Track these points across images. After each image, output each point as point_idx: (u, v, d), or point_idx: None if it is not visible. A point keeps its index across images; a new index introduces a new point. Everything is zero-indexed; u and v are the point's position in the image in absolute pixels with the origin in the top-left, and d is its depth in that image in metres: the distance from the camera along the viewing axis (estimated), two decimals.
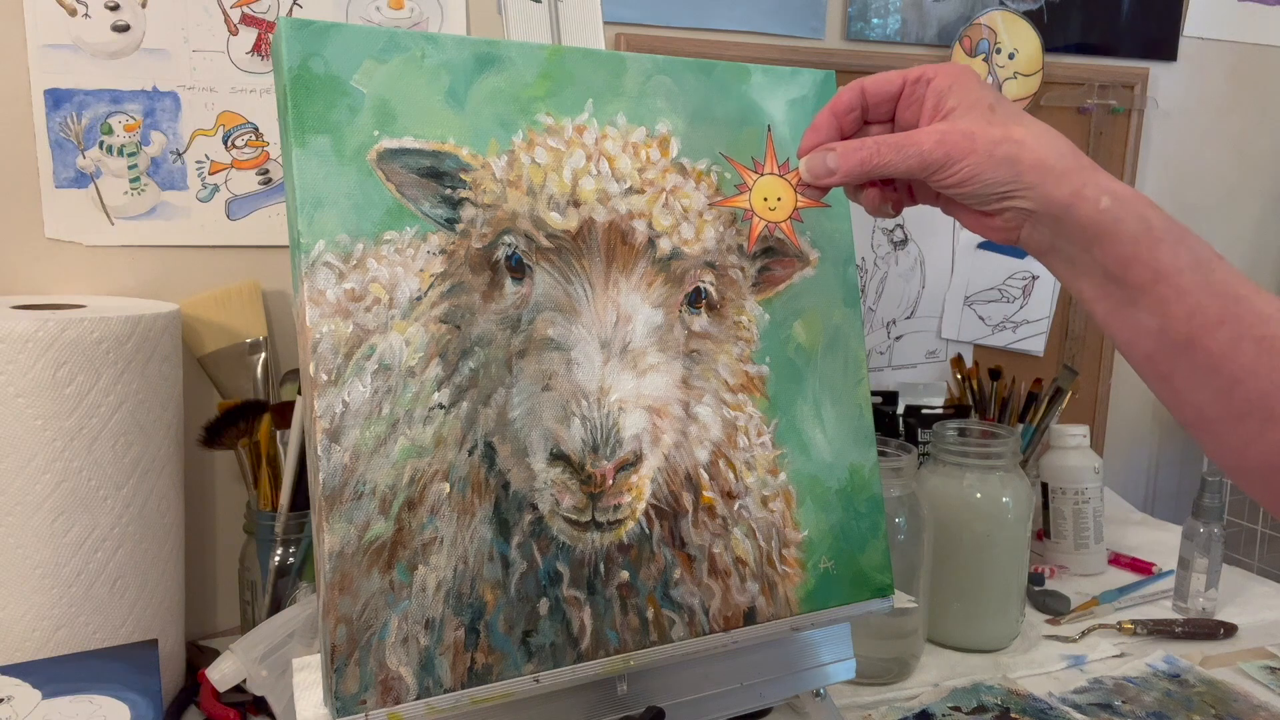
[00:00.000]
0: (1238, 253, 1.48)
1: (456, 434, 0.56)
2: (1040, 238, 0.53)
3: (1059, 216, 0.51)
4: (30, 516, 0.70)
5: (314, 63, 0.54)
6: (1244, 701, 0.84)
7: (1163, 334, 0.50)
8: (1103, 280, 0.52)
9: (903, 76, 0.56)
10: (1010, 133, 0.52)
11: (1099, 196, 0.50)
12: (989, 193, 0.52)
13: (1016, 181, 0.51)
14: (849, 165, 0.55)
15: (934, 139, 0.53)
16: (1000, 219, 0.54)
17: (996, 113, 0.53)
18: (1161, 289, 0.50)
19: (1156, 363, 0.52)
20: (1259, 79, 1.42)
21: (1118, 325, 0.52)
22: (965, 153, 0.52)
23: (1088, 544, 1.12)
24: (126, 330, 0.73)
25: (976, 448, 0.92)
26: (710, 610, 0.62)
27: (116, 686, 0.68)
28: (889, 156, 0.54)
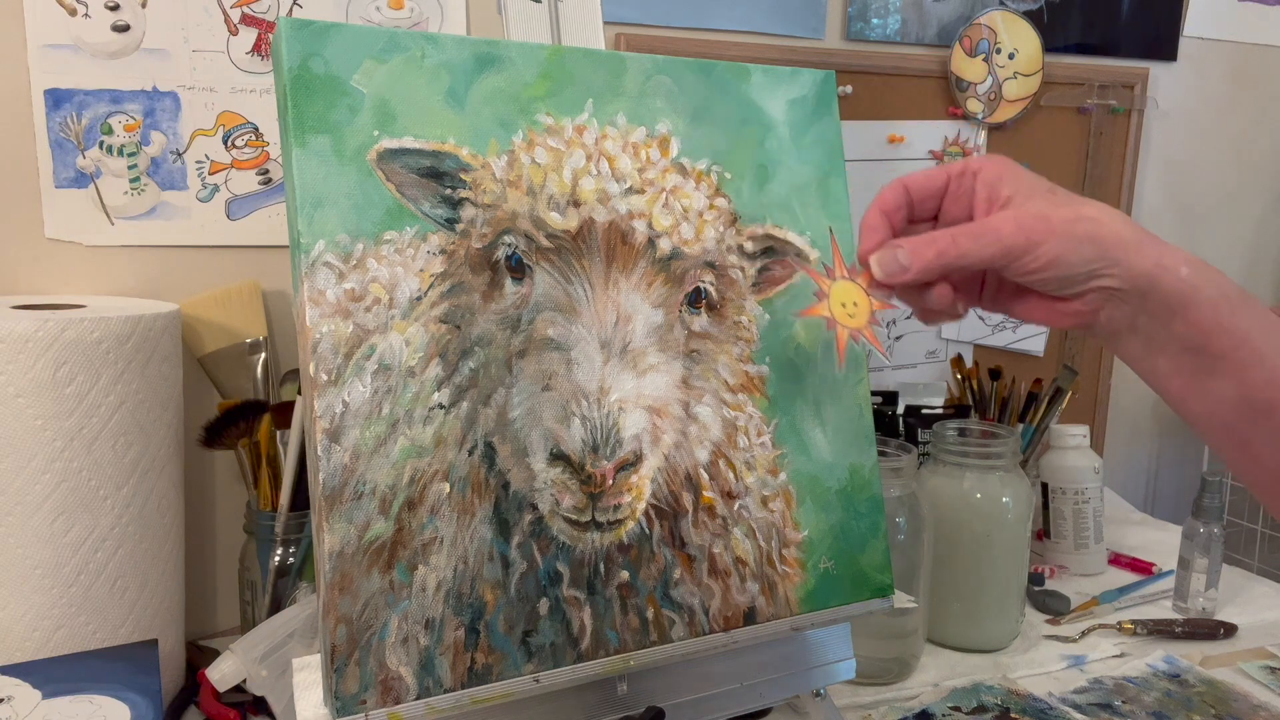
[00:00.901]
0: (1237, 253, 1.48)
1: (456, 434, 0.56)
2: (1121, 316, 0.51)
3: (1144, 291, 0.49)
4: (30, 516, 0.70)
5: (314, 63, 0.54)
6: (1244, 701, 0.84)
7: (1242, 401, 0.50)
8: (1180, 352, 0.50)
9: (946, 172, 0.54)
10: (1081, 211, 0.50)
11: (1178, 266, 0.49)
12: (1074, 274, 0.50)
13: (1102, 259, 0.49)
14: (924, 260, 0.52)
15: (1011, 224, 0.50)
16: (1081, 302, 0.51)
17: (1058, 194, 0.51)
18: (1242, 354, 0.49)
19: (1235, 431, 0.51)
20: (1259, 79, 1.42)
21: (1195, 398, 0.51)
22: (1045, 235, 0.49)
23: (1088, 544, 1.12)
24: (126, 330, 0.73)
25: (976, 448, 0.92)
26: (710, 610, 0.62)
27: (116, 686, 0.68)
28: (967, 246, 0.51)
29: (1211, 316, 0.49)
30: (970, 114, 1.21)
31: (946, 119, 1.22)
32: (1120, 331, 0.52)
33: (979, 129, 1.23)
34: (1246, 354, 0.49)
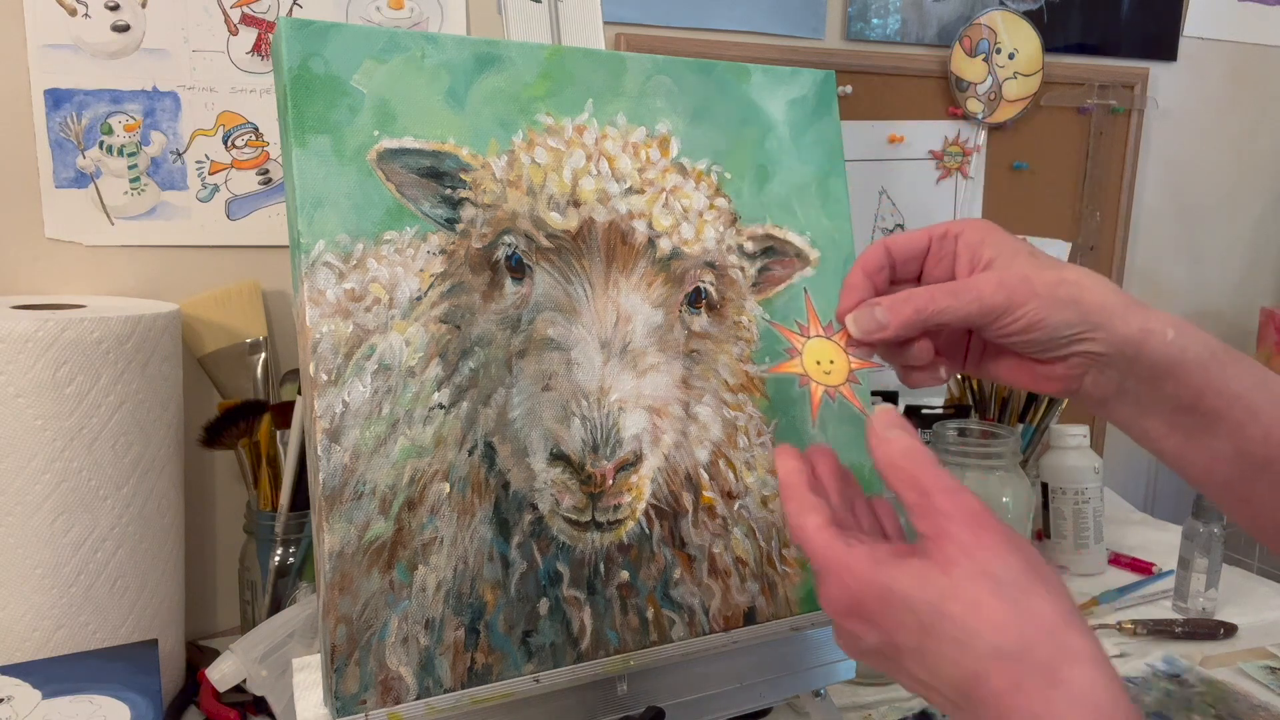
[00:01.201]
0: (1237, 253, 1.48)
1: (456, 434, 0.56)
2: (1107, 382, 0.50)
3: (1131, 356, 0.48)
4: (30, 516, 0.70)
5: (314, 63, 0.54)
6: (1244, 701, 0.84)
7: (1239, 457, 0.49)
8: (1172, 413, 0.50)
9: (928, 234, 0.53)
10: (1063, 275, 0.49)
11: (1164, 329, 0.48)
12: (1056, 336, 0.49)
13: (1084, 322, 0.48)
14: (902, 317, 0.50)
15: (992, 284, 0.49)
16: (1064, 365, 0.50)
17: (1039, 258, 0.50)
18: (1236, 412, 0.48)
19: (1235, 487, 0.50)
20: (1259, 79, 1.42)
21: (1191, 457, 0.50)
22: (1026, 296, 0.48)
23: (1088, 544, 1.12)
24: (126, 330, 0.73)
25: (976, 448, 0.92)
26: (710, 610, 0.62)
27: (116, 686, 0.68)
28: (945, 303, 0.49)
29: (1201, 376, 0.48)
30: (970, 114, 1.21)
31: (946, 119, 1.22)
32: (1108, 397, 0.51)
33: (979, 129, 1.23)
34: (1240, 411, 0.48)
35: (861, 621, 0.42)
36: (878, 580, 0.41)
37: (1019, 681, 0.38)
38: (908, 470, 0.43)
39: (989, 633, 0.39)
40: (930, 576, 0.40)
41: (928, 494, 0.42)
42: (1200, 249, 1.45)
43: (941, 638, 0.40)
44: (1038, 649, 0.38)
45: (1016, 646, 0.38)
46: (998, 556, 0.40)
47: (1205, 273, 1.46)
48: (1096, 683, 0.38)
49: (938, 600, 0.40)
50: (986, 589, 0.39)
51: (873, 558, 0.42)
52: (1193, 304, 1.46)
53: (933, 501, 0.42)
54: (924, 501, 0.42)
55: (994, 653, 0.38)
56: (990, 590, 0.39)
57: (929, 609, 0.40)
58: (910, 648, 0.41)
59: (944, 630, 0.39)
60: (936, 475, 0.43)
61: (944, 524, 0.41)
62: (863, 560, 0.42)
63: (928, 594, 0.40)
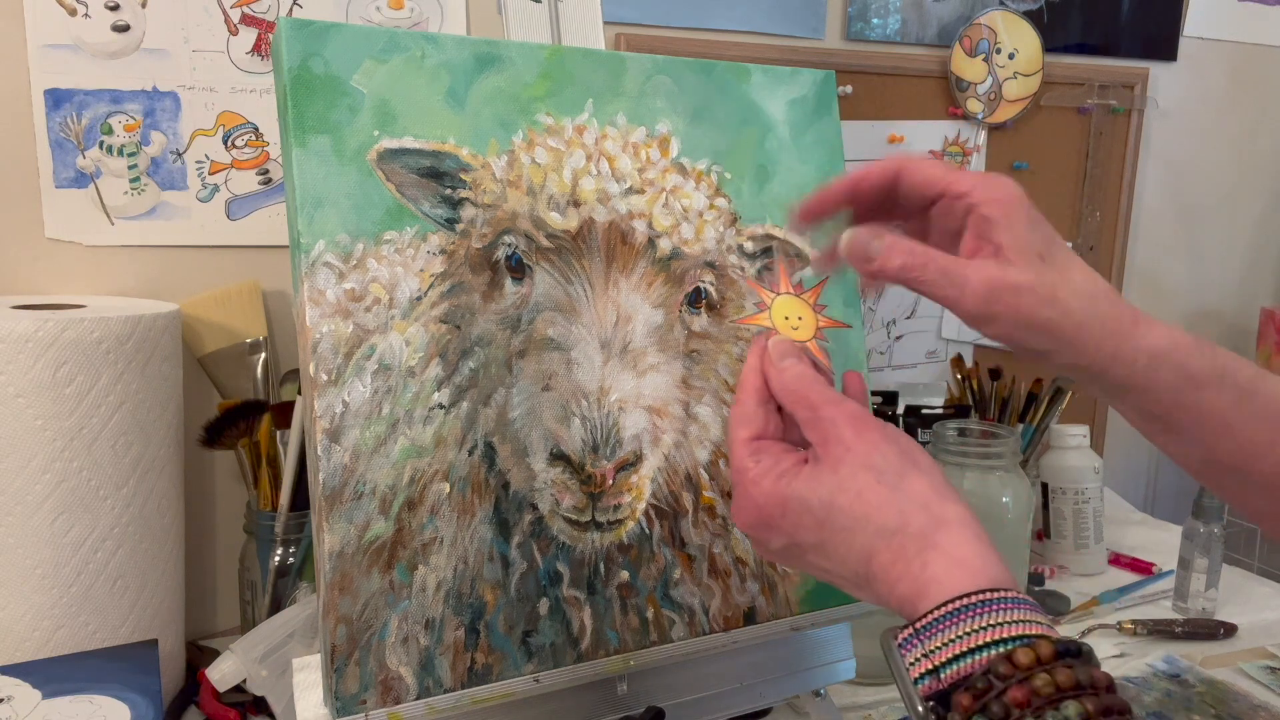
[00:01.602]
0: (1237, 253, 1.48)
1: (456, 434, 0.56)
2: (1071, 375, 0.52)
3: (1096, 375, 0.50)
4: (30, 516, 0.70)
5: (314, 63, 0.54)
6: (1244, 701, 0.84)
7: (1210, 462, 0.51)
8: (1139, 418, 0.51)
9: (944, 184, 0.52)
10: (1056, 293, 0.49)
11: (1135, 358, 0.49)
12: (1024, 348, 0.50)
13: (1055, 344, 0.49)
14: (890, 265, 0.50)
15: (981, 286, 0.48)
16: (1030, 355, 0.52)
17: (1046, 262, 0.49)
18: (1206, 429, 0.49)
19: (1207, 478, 0.53)
20: (1259, 79, 1.42)
21: (1162, 446, 0.52)
22: (1007, 313, 0.48)
23: (1088, 544, 1.12)
24: (126, 330, 0.73)
25: (976, 448, 0.92)
26: (710, 610, 0.62)
27: (116, 686, 0.68)
28: (931, 278, 0.49)
29: (1171, 398, 0.49)
30: (970, 114, 1.21)
31: (946, 119, 1.22)
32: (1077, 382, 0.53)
33: (979, 129, 1.23)
34: (1213, 427, 0.49)
35: (766, 529, 0.47)
36: (776, 491, 0.46)
37: (901, 551, 0.42)
38: (799, 392, 0.48)
39: (873, 515, 0.43)
40: (821, 477, 0.45)
41: (815, 408, 0.47)
42: (1200, 249, 1.45)
43: (835, 528, 0.44)
44: (913, 521, 0.43)
45: (897, 522, 0.43)
46: (875, 449, 0.45)
47: (1205, 273, 1.46)
48: (964, 542, 0.42)
49: (829, 496, 0.44)
50: (869, 478, 0.44)
51: (776, 471, 0.46)
52: (1193, 304, 1.46)
53: (819, 413, 0.46)
54: (812, 415, 0.47)
55: (879, 531, 0.43)
56: (873, 479, 0.44)
57: (822, 505, 0.44)
58: (811, 543, 0.45)
59: (837, 521, 0.44)
60: (822, 392, 0.47)
61: (829, 429, 0.46)
62: (767, 475, 0.46)
63: (820, 493, 0.45)
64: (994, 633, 0.38)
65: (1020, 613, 0.38)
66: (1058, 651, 0.37)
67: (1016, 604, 0.39)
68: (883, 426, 0.46)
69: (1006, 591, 0.39)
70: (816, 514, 0.45)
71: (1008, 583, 0.40)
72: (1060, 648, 0.37)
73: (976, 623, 0.38)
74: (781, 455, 0.48)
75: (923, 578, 0.41)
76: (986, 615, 0.38)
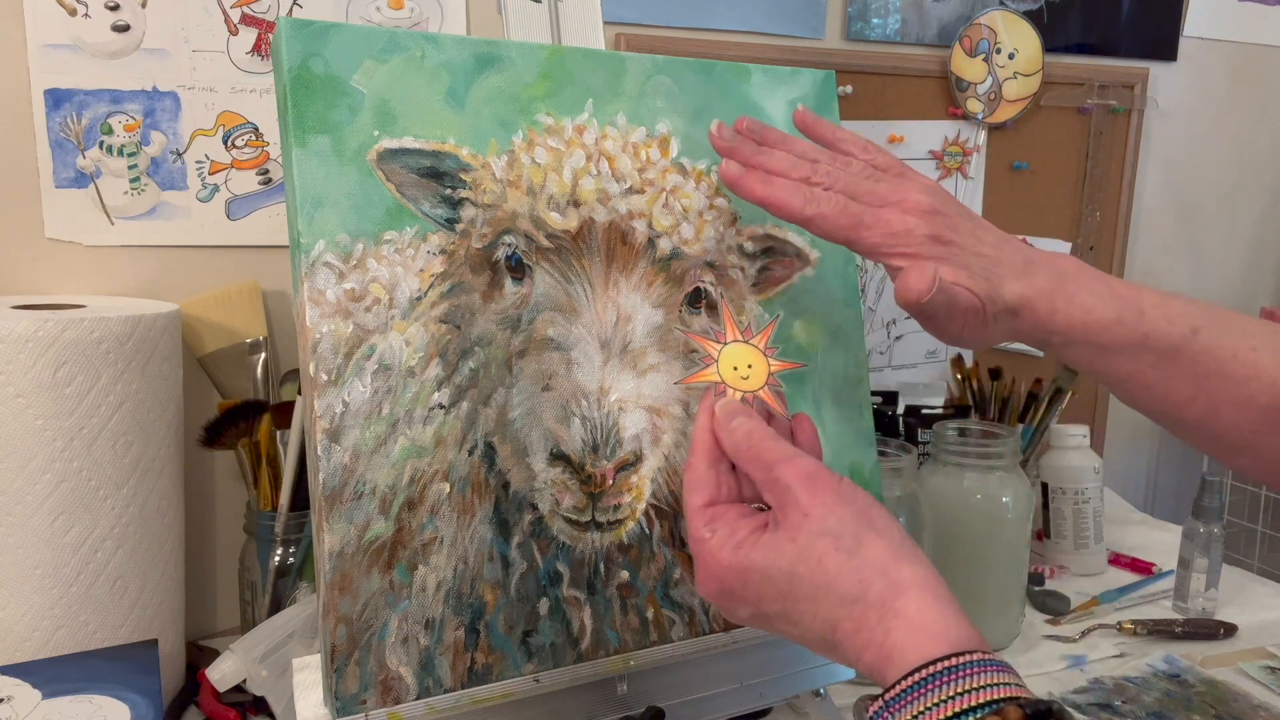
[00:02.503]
0: (1237, 253, 1.48)
1: (456, 434, 0.56)
2: None
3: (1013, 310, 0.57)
4: (30, 516, 0.70)
5: (314, 63, 0.54)
6: (1244, 701, 0.84)
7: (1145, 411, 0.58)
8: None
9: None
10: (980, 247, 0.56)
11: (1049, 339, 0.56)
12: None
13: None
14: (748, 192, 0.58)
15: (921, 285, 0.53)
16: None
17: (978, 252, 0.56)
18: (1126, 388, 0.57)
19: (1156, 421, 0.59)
20: (1259, 79, 1.42)
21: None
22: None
23: (1088, 544, 1.12)
24: (126, 330, 0.73)
25: (976, 448, 0.92)
26: (710, 610, 0.62)
27: (116, 686, 0.68)
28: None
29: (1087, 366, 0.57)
30: (970, 114, 1.21)
31: (946, 119, 1.22)
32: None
33: (979, 129, 1.23)
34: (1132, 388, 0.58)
35: (730, 599, 0.47)
36: (735, 562, 0.46)
37: (863, 620, 0.43)
38: (750, 451, 0.48)
39: (833, 583, 0.43)
40: (781, 546, 0.45)
41: (769, 468, 0.47)
42: (1200, 249, 1.45)
43: (799, 598, 0.45)
44: (872, 588, 0.43)
45: (856, 591, 0.43)
46: (831, 512, 0.45)
47: (1205, 273, 1.46)
48: (924, 606, 0.42)
49: (789, 566, 0.44)
50: (827, 545, 0.44)
51: (733, 542, 0.46)
52: None
53: (774, 474, 0.46)
54: (767, 476, 0.47)
55: (840, 600, 0.43)
56: (830, 545, 0.44)
57: (783, 576, 0.45)
58: (776, 613, 0.46)
59: (799, 590, 0.44)
60: (774, 449, 0.47)
61: (784, 494, 0.46)
62: (724, 546, 0.46)
63: (780, 564, 0.45)
64: (963, 701, 0.38)
65: (988, 675, 0.38)
66: (1026, 716, 0.37)
67: (983, 666, 0.39)
68: (837, 485, 0.46)
69: (972, 654, 0.39)
70: (779, 585, 0.45)
71: (973, 642, 0.40)
72: (1030, 710, 0.37)
73: (944, 692, 0.38)
74: (738, 522, 0.47)
75: (886, 645, 0.41)
76: (953, 683, 0.38)
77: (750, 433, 0.48)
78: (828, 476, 0.46)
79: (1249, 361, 0.54)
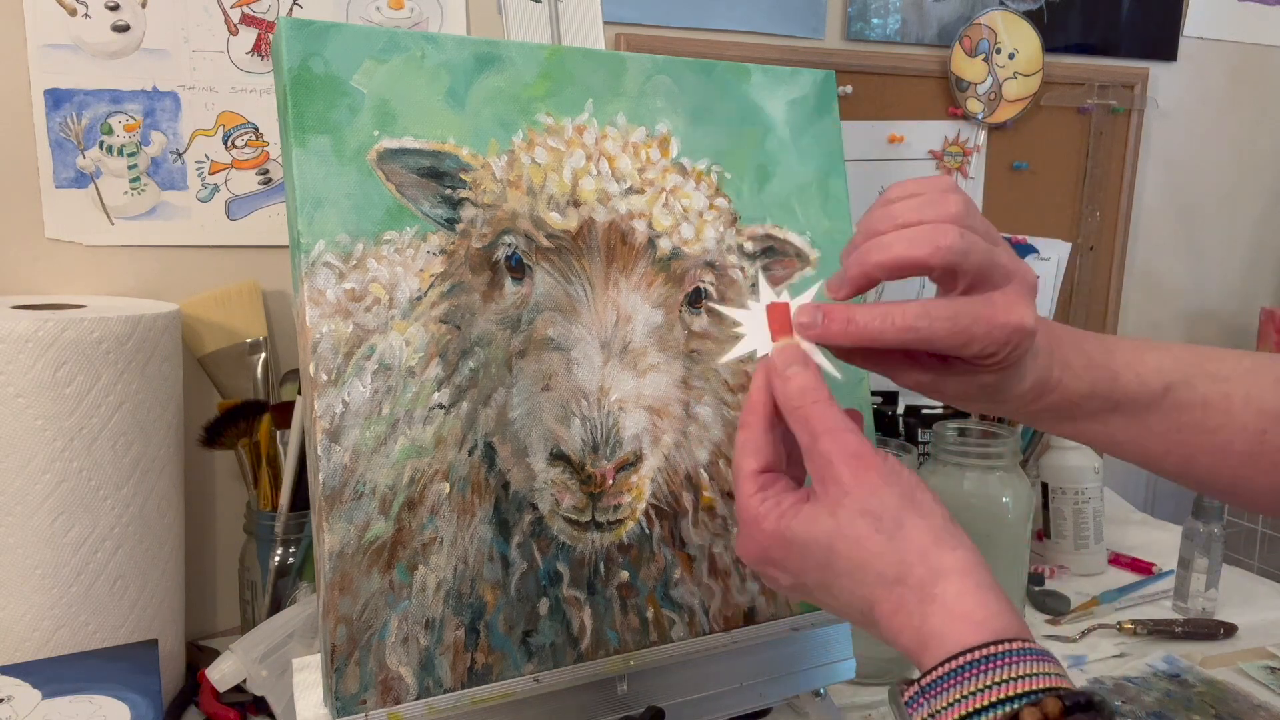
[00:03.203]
0: (1237, 253, 1.48)
1: (456, 434, 0.56)
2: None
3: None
4: (30, 516, 0.70)
5: (314, 63, 0.54)
6: (1244, 701, 0.84)
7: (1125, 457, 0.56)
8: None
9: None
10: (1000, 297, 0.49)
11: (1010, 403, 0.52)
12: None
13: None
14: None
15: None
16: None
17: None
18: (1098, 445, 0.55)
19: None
20: (1259, 79, 1.42)
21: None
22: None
23: (1088, 544, 1.12)
24: (126, 330, 0.73)
25: (976, 448, 0.92)
26: (710, 610, 0.62)
27: (116, 686, 0.68)
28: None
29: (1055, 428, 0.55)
30: (970, 114, 1.21)
31: (946, 119, 1.22)
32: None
33: (979, 129, 1.23)
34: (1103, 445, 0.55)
35: (772, 566, 0.47)
36: (779, 531, 0.45)
37: (901, 603, 0.42)
38: (801, 410, 0.46)
39: (872, 563, 0.43)
40: (820, 519, 0.44)
41: (815, 436, 0.45)
42: (1200, 249, 1.45)
43: (838, 573, 0.44)
44: (913, 572, 0.42)
45: (896, 573, 0.42)
46: (874, 493, 0.44)
47: (1205, 273, 1.46)
48: (965, 592, 0.41)
49: (828, 541, 0.44)
50: (867, 525, 0.43)
51: (778, 510, 0.46)
52: (1193, 304, 1.46)
53: (818, 445, 0.45)
54: (812, 445, 0.45)
55: (878, 580, 0.43)
56: (870, 526, 0.43)
57: (823, 550, 0.44)
58: (816, 584, 0.45)
59: (838, 566, 0.44)
60: (824, 415, 0.45)
61: (827, 468, 0.45)
62: (770, 514, 0.46)
63: (819, 536, 0.44)
64: (999, 691, 0.37)
65: (1026, 665, 0.38)
66: (1065, 708, 0.36)
67: (1022, 656, 0.38)
68: (882, 465, 0.44)
69: (1011, 643, 0.38)
70: (818, 557, 0.44)
71: (1013, 631, 0.40)
72: (1069, 701, 0.36)
73: (980, 681, 0.37)
74: (784, 493, 0.47)
75: (923, 631, 0.41)
76: (990, 672, 0.38)
77: (804, 389, 0.46)
78: (871, 454, 0.45)
79: (1221, 409, 0.52)
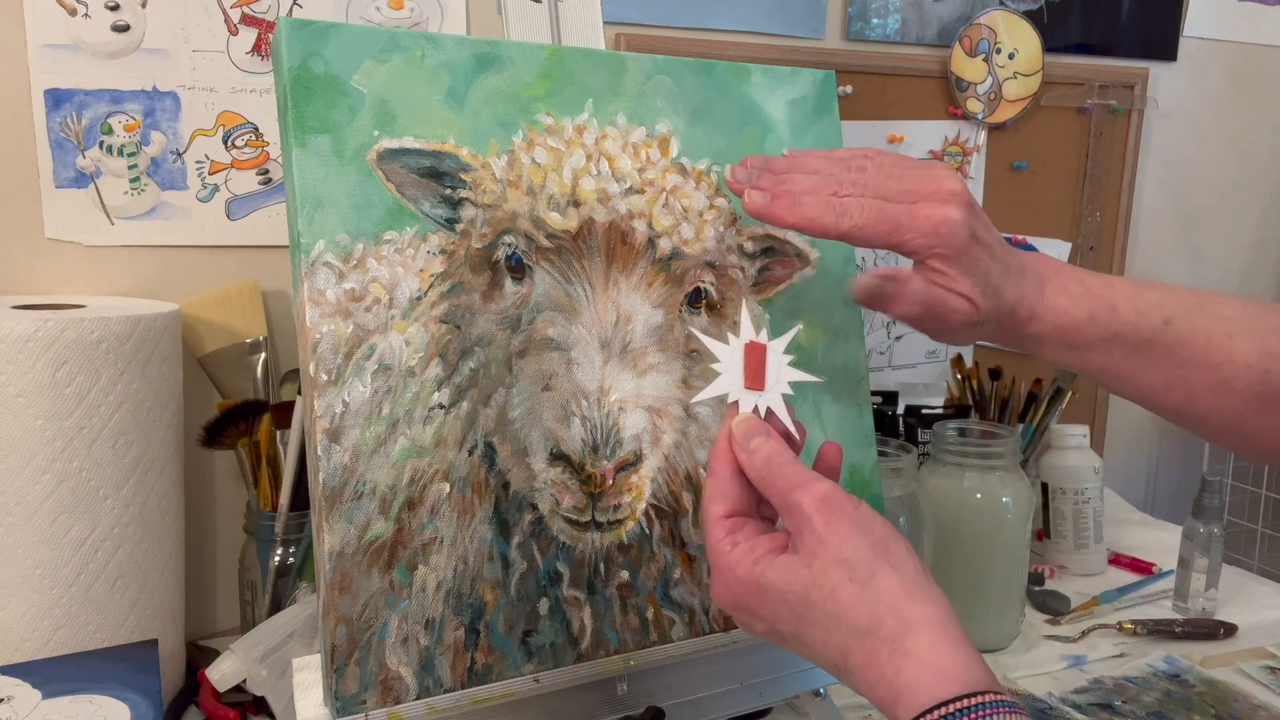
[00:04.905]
0: (1237, 253, 1.48)
1: (456, 434, 0.56)
2: None
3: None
4: (30, 516, 0.70)
5: (314, 63, 0.54)
6: (1244, 701, 0.84)
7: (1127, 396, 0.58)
8: None
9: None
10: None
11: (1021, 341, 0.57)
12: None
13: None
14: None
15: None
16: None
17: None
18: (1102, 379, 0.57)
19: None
20: (1259, 79, 1.42)
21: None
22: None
23: (1088, 544, 1.12)
24: (126, 330, 0.73)
25: (976, 448, 0.92)
26: (710, 610, 0.62)
27: (116, 686, 0.68)
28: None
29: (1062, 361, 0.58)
30: (970, 114, 1.21)
31: (946, 119, 1.22)
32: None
33: (979, 129, 1.23)
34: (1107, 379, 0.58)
35: (746, 613, 0.47)
36: (752, 578, 0.46)
37: (874, 655, 0.42)
38: (769, 478, 0.47)
39: (845, 614, 0.43)
40: (797, 570, 0.45)
41: (785, 494, 0.46)
42: (1200, 249, 1.45)
43: (812, 624, 0.45)
44: (885, 624, 0.43)
45: (868, 624, 0.43)
46: (846, 541, 0.44)
47: (1205, 273, 1.46)
48: (936, 645, 0.42)
49: (803, 591, 0.45)
50: (841, 575, 0.44)
51: (751, 557, 0.47)
52: None
53: (790, 499, 0.46)
54: (785, 501, 0.47)
55: (851, 632, 0.43)
56: (844, 576, 0.44)
57: (797, 600, 0.45)
58: (790, 633, 0.46)
59: (812, 617, 0.44)
60: (792, 473, 0.47)
61: (801, 520, 0.46)
62: (742, 561, 0.47)
63: (795, 587, 0.45)
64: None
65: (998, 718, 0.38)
66: None
67: (994, 708, 0.39)
68: (854, 513, 0.46)
69: (985, 695, 0.39)
70: (793, 607, 0.45)
71: (984, 683, 0.40)
72: None
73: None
74: (757, 538, 0.47)
75: (896, 684, 0.41)
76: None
77: (769, 458, 0.48)
78: (844, 502, 0.46)
79: (1223, 348, 0.54)
